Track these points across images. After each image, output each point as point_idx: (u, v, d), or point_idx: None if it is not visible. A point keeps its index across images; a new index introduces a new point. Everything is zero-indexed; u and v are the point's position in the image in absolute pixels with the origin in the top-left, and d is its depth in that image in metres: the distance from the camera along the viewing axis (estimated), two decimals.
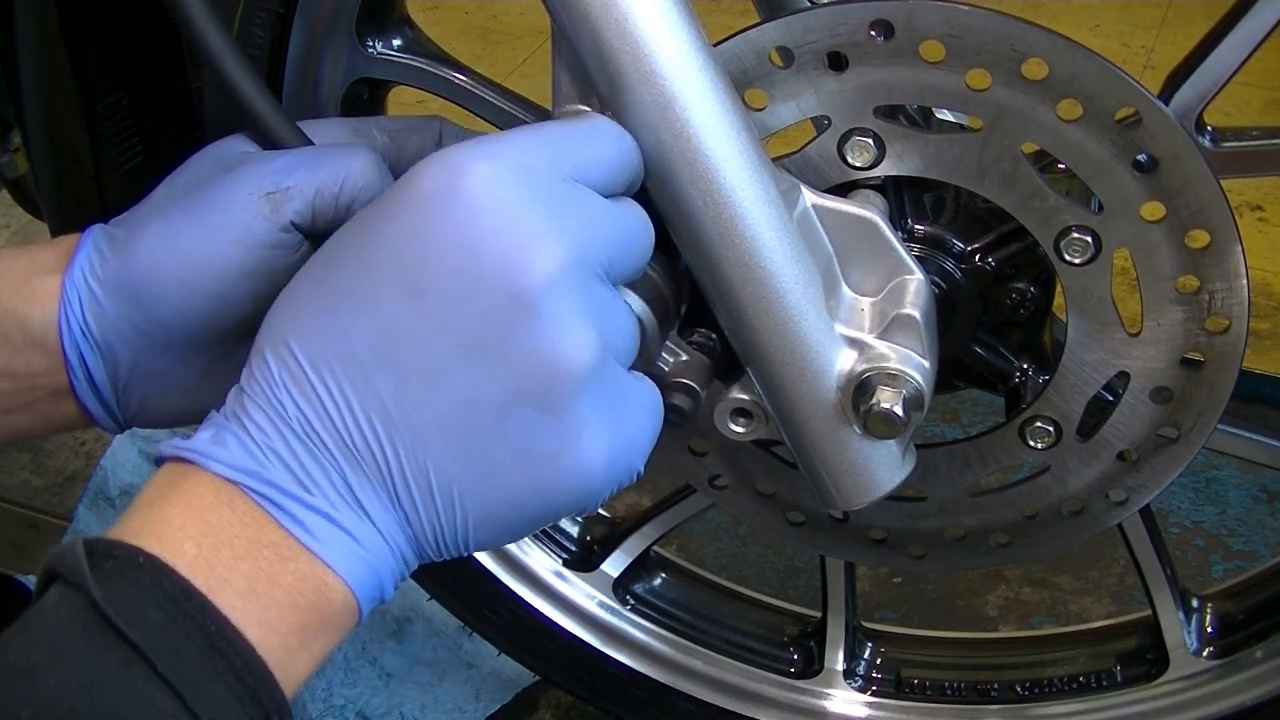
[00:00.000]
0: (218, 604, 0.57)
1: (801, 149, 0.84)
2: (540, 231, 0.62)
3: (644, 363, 0.82)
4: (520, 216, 0.62)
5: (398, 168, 0.79)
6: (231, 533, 0.59)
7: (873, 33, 0.79)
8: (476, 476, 0.63)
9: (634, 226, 0.68)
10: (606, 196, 0.67)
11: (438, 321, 0.61)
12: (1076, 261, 0.83)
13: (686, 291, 0.85)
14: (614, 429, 0.65)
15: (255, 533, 0.59)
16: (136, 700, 0.54)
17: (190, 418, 0.79)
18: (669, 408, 0.85)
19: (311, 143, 0.79)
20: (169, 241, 0.73)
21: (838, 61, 0.81)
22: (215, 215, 0.73)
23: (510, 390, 0.62)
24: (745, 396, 0.83)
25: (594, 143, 0.68)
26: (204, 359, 0.77)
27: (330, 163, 0.75)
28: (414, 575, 1.26)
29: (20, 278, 0.75)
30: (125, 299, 0.74)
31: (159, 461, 0.63)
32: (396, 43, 0.95)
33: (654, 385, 0.71)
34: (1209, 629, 1.09)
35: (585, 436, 0.64)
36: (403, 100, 1.04)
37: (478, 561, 1.22)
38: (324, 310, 0.62)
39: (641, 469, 0.68)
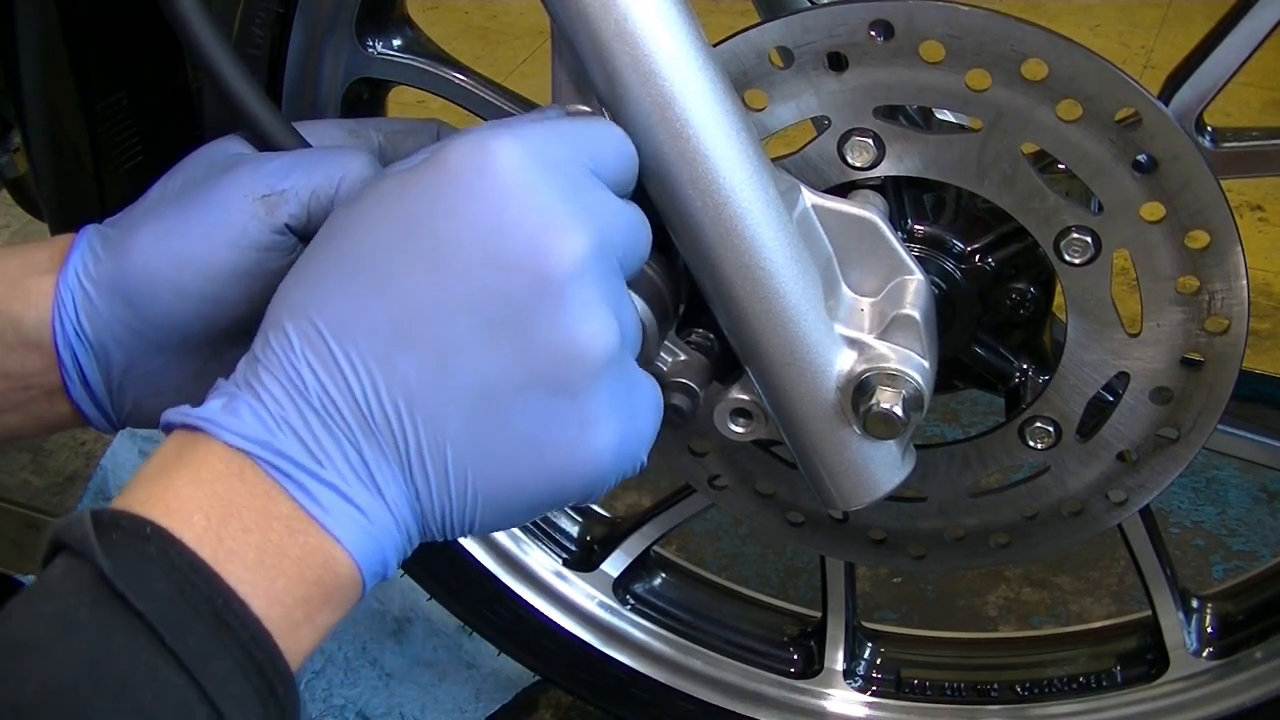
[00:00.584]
0: (225, 576, 0.57)
1: (801, 149, 0.84)
2: (569, 216, 0.62)
3: (643, 362, 0.82)
4: (550, 201, 0.62)
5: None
6: (241, 504, 0.59)
7: (873, 33, 0.79)
8: (491, 457, 0.63)
9: (638, 224, 0.69)
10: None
11: (462, 300, 0.61)
12: (1076, 262, 0.83)
13: (685, 291, 0.85)
14: (625, 418, 0.66)
15: (265, 504, 0.59)
16: (143, 672, 0.54)
17: None
18: (668, 408, 0.85)
19: (307, 143, 0.79)
20: (163, 242, 0.73)
21: (838, 62, 0.81)
22: (210, 217, 0.73)
23: (531, 373, 0.62)
24: (745, 396, 0.83)
25: (604, 141, 0.69)
26: (198, 360, 0.77)
27: (326, 165, 0.75)
28: (414, 575, 1.27)
29: (14, 278, 0.75)
30: (119, 299, 0.74)
31: (166, 429, 0.62)
32: (396, 43, 0.95)
33: (655, 380, 0.71)
34: (1209, 629, 1.09)
35: (599, 424, 0.64)
36: (403, 100, 1.04)
37: (478, 561, 1.22)
38: (345, 284, 0.62)
39: (645, 459, 0.69)
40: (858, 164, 0.83)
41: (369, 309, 0.61)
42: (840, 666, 1.19)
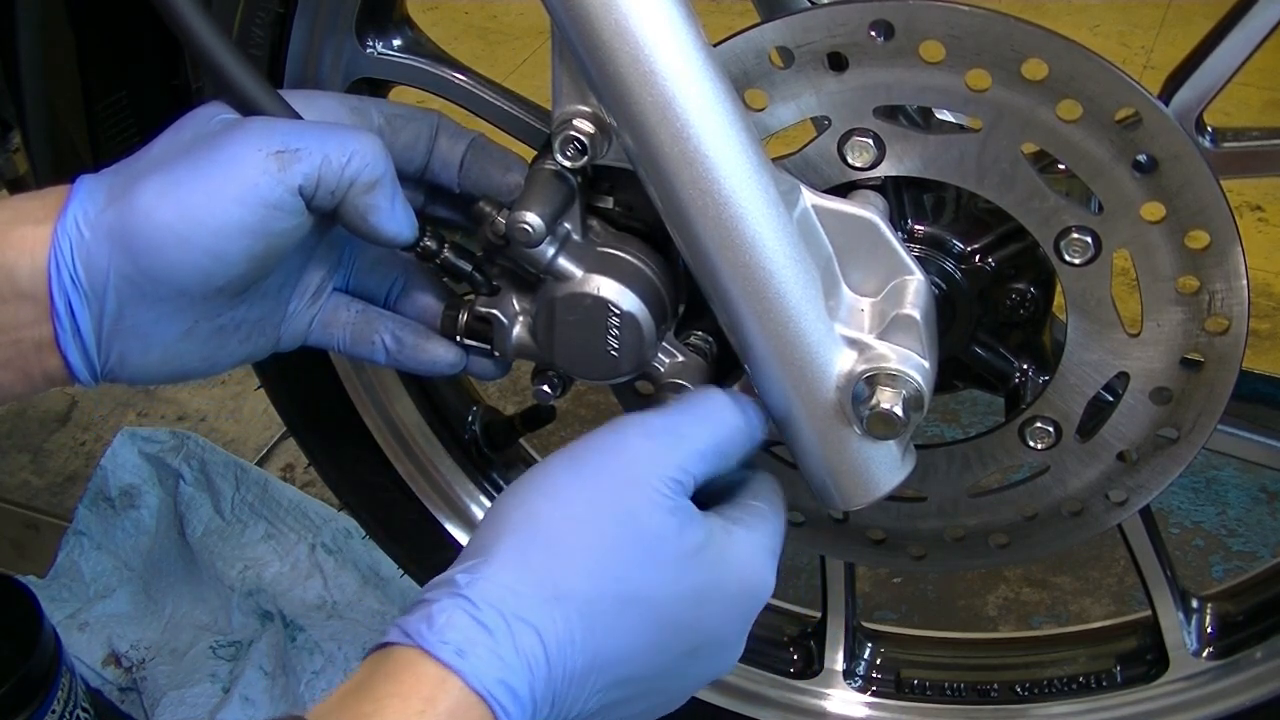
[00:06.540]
0: None
1: (801, 149, 0.84)
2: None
3: (640, 362, 0.82)
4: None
5: (390, 152, 0.79)
6: None
7: (873, 33, 0.79)
8: None
9: None
10: None
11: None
12: (1076, 262, 0.83)
13: (685, 292, 0.85)
14: None
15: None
16: None
17: (164, 377, 0.79)
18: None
19: (298, 115, 0.79)
20: (171, 193, 0.73)
21: (838, 62, 0.80)
22: (220, 169, 0.73)
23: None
24: (744, 397, 0.83)
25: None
26: (189, 317, 0.77)
27: (339, 137, 0.75)
28: (413, 574, 1.27)
29: (4, 228, 0.74)
30: (118, 247, 0.73)
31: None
32: (396, 43, 0.95)
33: None
34: (1209, 629, 1.09)
35: None
36: (402, 101, 1.04)
37: None
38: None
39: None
40: (858, 164, 0.83)
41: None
42: (840, 666, 1.19)
